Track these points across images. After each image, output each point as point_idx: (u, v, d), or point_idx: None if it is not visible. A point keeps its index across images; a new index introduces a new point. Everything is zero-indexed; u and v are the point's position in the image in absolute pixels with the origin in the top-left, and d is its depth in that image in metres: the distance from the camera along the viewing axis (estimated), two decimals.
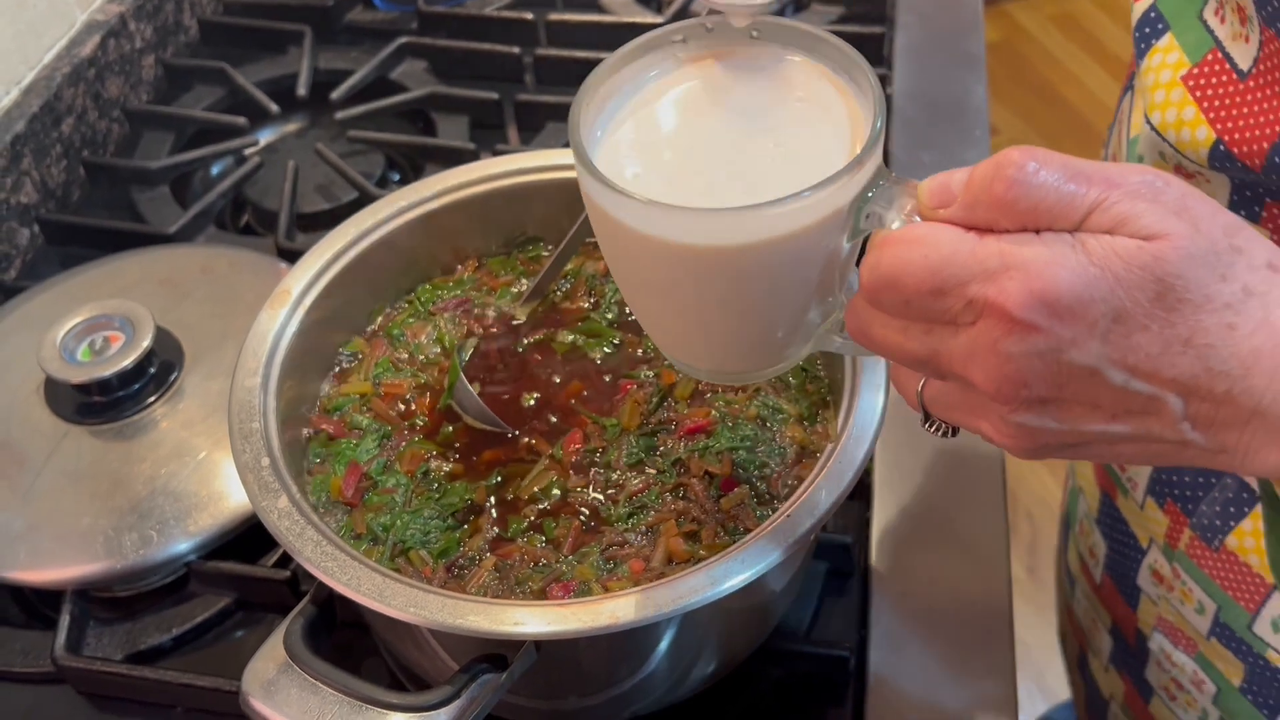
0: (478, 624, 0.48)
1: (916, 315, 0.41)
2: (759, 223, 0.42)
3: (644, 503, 0.59)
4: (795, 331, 0.49)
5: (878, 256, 0.41)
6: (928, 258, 0.39)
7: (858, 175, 0.42)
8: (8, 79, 0.92)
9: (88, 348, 0.72)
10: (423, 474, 0.61)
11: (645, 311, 0.52)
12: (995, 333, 0.39)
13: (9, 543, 0.67)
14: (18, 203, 0.91)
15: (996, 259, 0.38)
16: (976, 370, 0.40)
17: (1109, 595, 0.79)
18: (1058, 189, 0.38)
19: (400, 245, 0.68)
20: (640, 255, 0.46)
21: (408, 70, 1.07)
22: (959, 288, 0.39)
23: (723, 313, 0.47)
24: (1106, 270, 0.38)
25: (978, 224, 0.40)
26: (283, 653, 0.49)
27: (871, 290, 0.42)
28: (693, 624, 0.57)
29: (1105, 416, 0.40)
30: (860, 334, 0.44)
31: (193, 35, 1.12)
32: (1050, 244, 0.38)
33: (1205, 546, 0.65)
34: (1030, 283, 0.38)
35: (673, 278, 0.46)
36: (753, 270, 0.44)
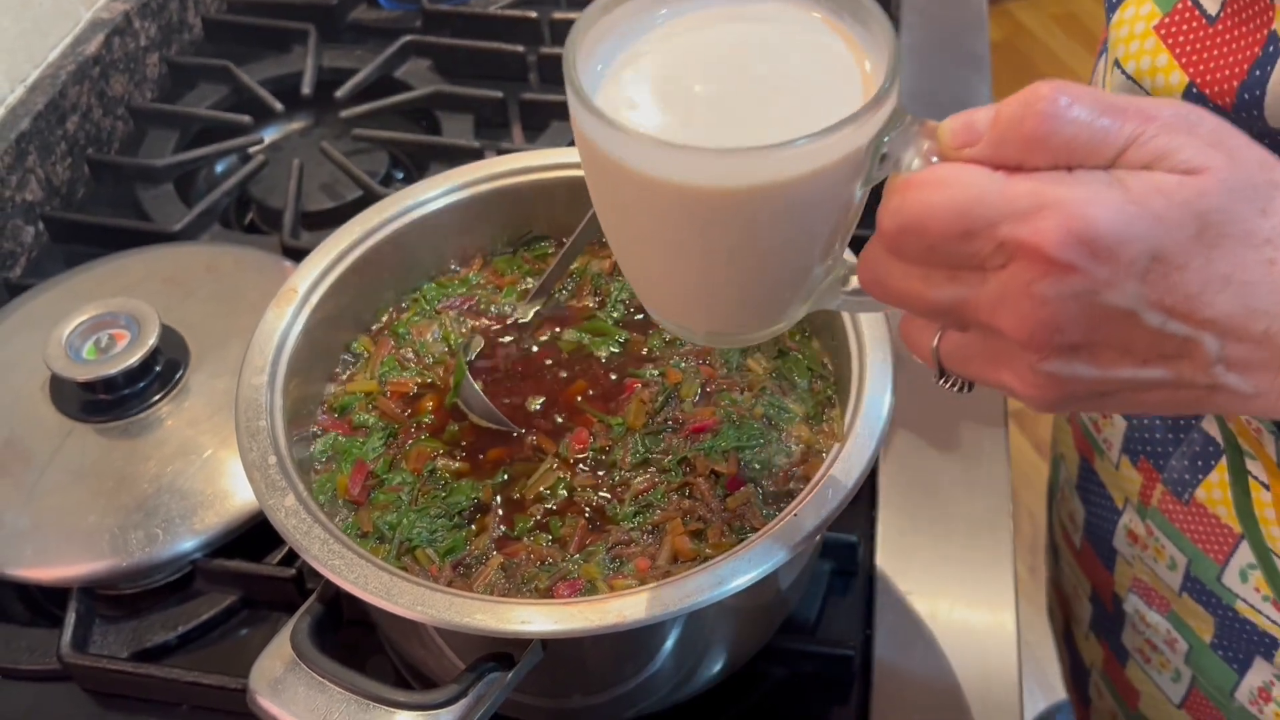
0: (485, 622, 0.48)
1: (940, 261, 0.39)
2: (773, 163, 0.40)
3: (650, 502, 0.59)
4: (799, 288, 0.47)
5: (900, 200, 0.39)
6: (955, 199, 0.37)
7: (876, 114, 0.40)
8: (13, 76, 0.92)
9: (93, 346, 0.72)
10: (429, 472, 0.61)
11: (640, 266, 0.49)
12: (1029, 275, 0.37)
13: (15, 541, 0.67)
14: (23, 200, 0.91)
15: (1029, 198, 0.37)
16: (1007, 316, 0.38)
17: (1088, 561, 0.80)
18: (1091, 124, 0.37)
19: (406, 244, 0.68)
20: (641, 200, 0.43)
21: (412, 69, 1.07)
22: (989, 229, 0.37)
23: (727, 265, 0.44)
24: (1146, 207, 0.36)
25: (1006, 163, 0.38)
26: (290, 651, 0.50)
27: (892, 236, 0.39)
28: (698, 623, 0.57)
29: (1137, 361, 0.39)
30: (875, 284, 0.42)
31: (197, 33, 1.12)
32: (1086, 182, 0.36)
33: (1176, 500, 0.66)
34: (1068, 222, 0.36)
35: (675, 225, 0.43)
36: (762, 216, 0.42)
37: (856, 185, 0.42)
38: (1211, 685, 0.69)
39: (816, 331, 0.66)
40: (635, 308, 0.68)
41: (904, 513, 0.71)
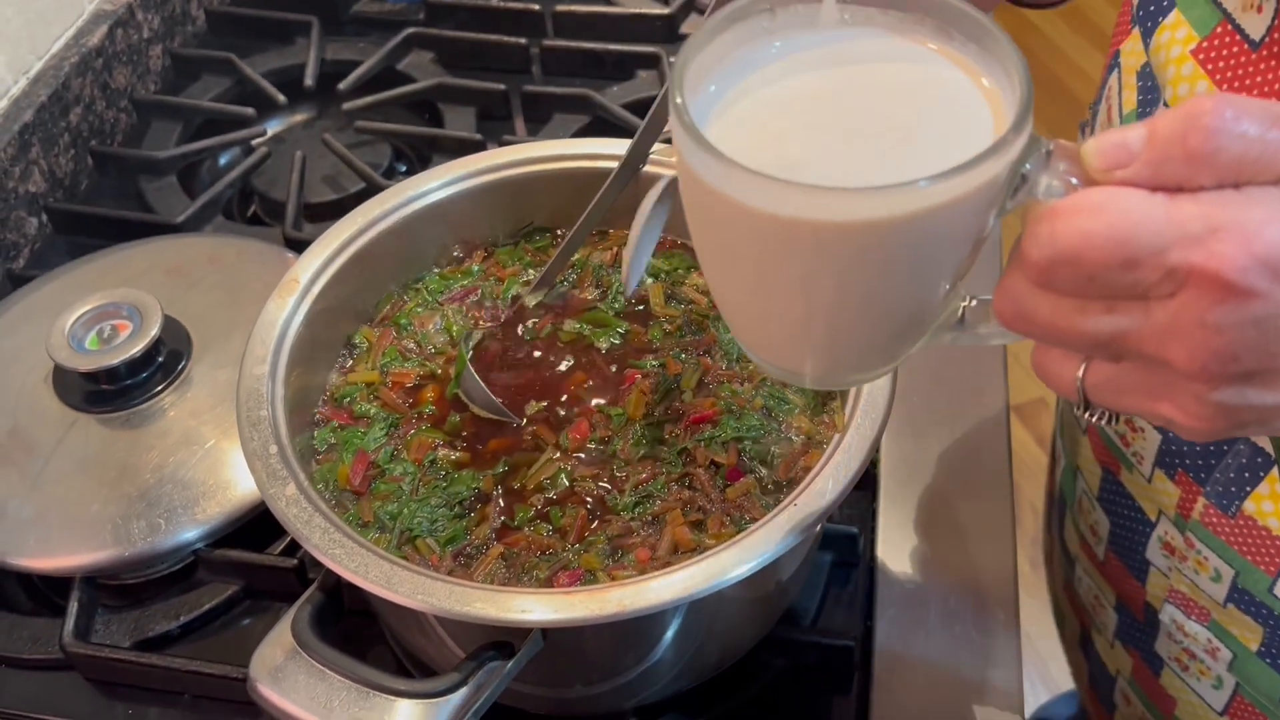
0: (485, 611, 0.48)
1: (1099, 292, 0.37)
2: (913, 199, 0.38)
3: (650, 492, 0.59)
4: (921, 325, 0.45)
5: (1050, 229, 0.36)
6: (1114, 226, 0.35)
7: (1019, 137, 0.38)
8: (16, 68, 0.93)
9: (96, 336, 0.72)
10: (430, 462, 0.61)
11: (750, 312, 0.46)
12: (1204, 303, 0.34)
13: (18, 530, 0.67)
14: (26, 192, 0.91)
15: (1200, 221, 0.34)
16: (1177, 348, 0.36)
17: (1114, 571, 0.78)
18: (1262, 137, 0.34)
19: (408, 235, 0.68)
20: (765, 242, 0.40)
21: (415, 61, 1.07)
22: (1155, 256, 0.35)
23: (856, 306, 0.42)
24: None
25: (1165, 184, 0.35)
26: (290, 639, 0.50)
27: (1044, 268, 0.37)
28: (699, 613, 0.57)
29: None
30: (1020, 319, 0.39)
31: (200, 25, 1.12)
32: (1261, 200, 0.34)
33: (1221, 514, 0.64)
34: (1249, 243, 0.34)
35: (804, 267, 0.41)
36: (897, 250, 0.40)
37: (991, 215, 0.40)
38: (1259, 692, 0.68)
39: None
40: (636, 299, 0.68)
41: (905, 504, 0.71)
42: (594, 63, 1.04)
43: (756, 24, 0.44)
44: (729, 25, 0.44)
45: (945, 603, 0.66)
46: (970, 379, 0.77)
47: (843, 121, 0.42)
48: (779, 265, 0.41)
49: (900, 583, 0.67)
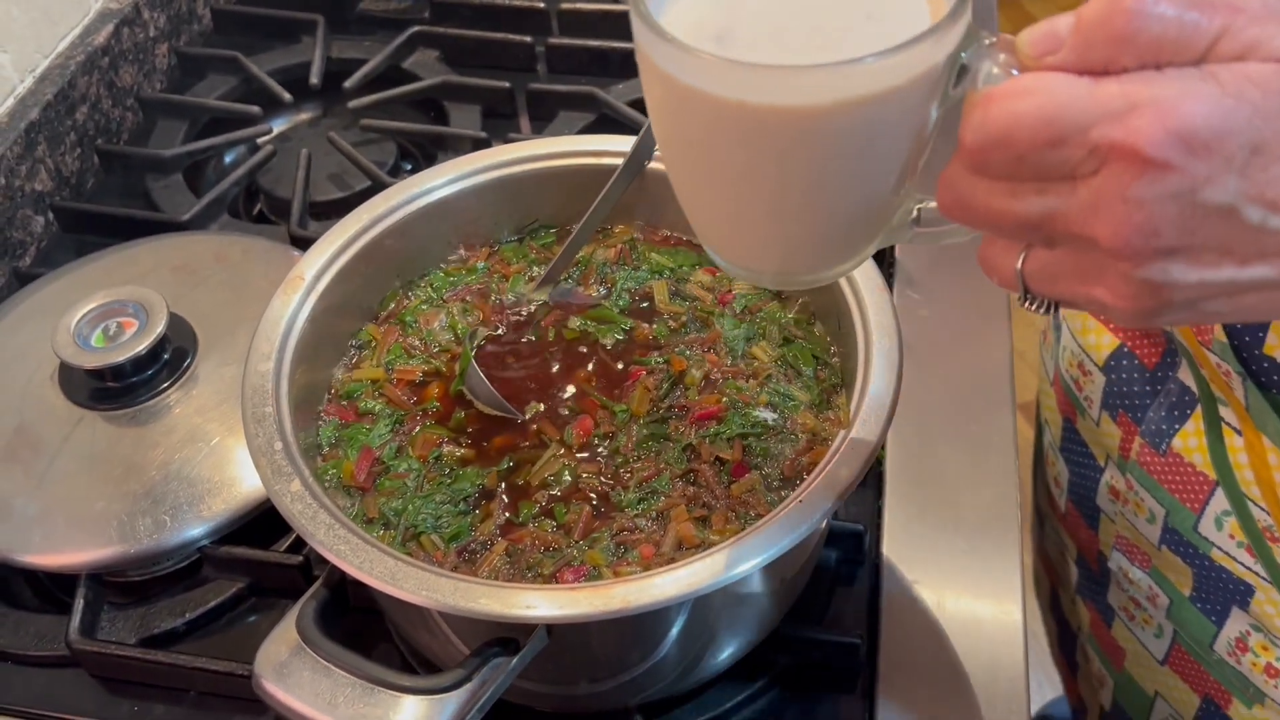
0: (489, 607, 0.48)
1: (1029, 174, 0.38)
2: (851, 79, 0.38)
3: (654, 488, 0.59)
4: (872, 220, 0.45)
5: (984, 113, 0.38)
6: (1043, 106, 0.36)
7: (953, 29, 0.39)
8: (23, 67, 0.93)
9: (102, 333, 0.73)
10: (434, 459, 0.61)
11: (707, 204, 0.47)
12: (1125, 178, 0.36)
13: (24, 527, 0.67)
14: (32, 190, 0.91)
15: (1121, 99, 0.36)
16: (1101, 224, 0.37)
17: (1073, 522, 0.80)
18: (1179, 19, 0.35)
19: (412, 232, 0.68)
20: (712, 127, 0.41)
21: (420, 59, 1.07)
22: (1080, 134, 0.36)
23: (800, 194, 0.43)
24: (1243, 99, 0.35)
25: (1092, 67, 0.37)
26: (295, 635, 0.50)
27: (977, 151, 0.38)
28: (704, 610, 0.57)
29: (1237, 261, 0.37)
30: (958, 206, 0.41)
31: (206, 24, 1.12)
32: (1178, 78, 0.35)
33: (1154, 452, 0.66)
34: (1164, 119, 0.35)
35: (749, 151, 0.41)
36: (838, 137, 0.40)
37: (933, 105, 0.41)
38: (1191, 639, 0.70)
39: (822, 317, 0.66)
40: (640, 296, 0.68)
41: (911, 502, 0.71)
42: (599, 60, 1.04)
43: None
44: None
45: (951, 600, 0.66)
46: (976, 376, 0.77)
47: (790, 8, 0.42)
48: (726, 150, 0.42)
49: (906, 580, 0.67)
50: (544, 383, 0.64)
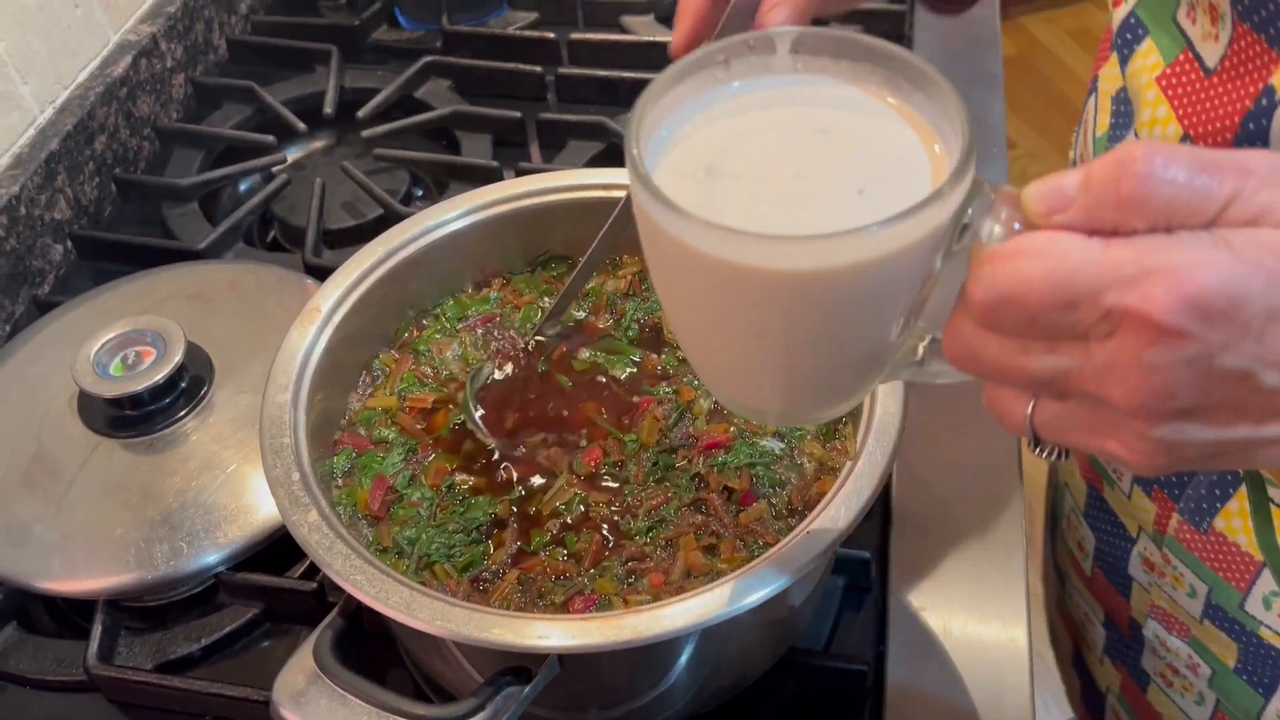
0: (502, 637, 0.49)
1: (1041, 333, 0.38)
2: (856, 247, 0.38)
3: (663, 517, 0.60)
4: (876, 364, 0.45)
5: (992, 272, 0.37)
6: (1054, 269, 0.36)
7: (958, 189, 0.39)
8: (43, 98, 0.94)
9: (120, 362, 0.74)
10: (447, 488, 0.62)
11: (710, 354, 0.47)
12: (1139, 343, 0.35)
13: (43, 553, 0.68)
14: (51, 219, 0.93)
15: (1133, 264, 0.35)
16: (1115, 386, 0.37)
17: (1100, 587, 0.79)
18: (1190, 183, 0.35)
19: (427, 263, 0.69)
20: (719, 287, 0.41)
21: (432, 89, 1.08)
22: (1093, 299, 0.36)
23: (806, 348, 0.43)
24: (1258, 266, 0.35)
25: (1101, 228, 0.36)
26: (312, 664, 0.51)
27: (987, 309, 0.38)
28: (713, 638, 0.57)
29: (1253, 421, 0.38)
30: (968, 360, 0.41)
31: (222, 54, 1.14)
32: (1191, 243, 0.35)
33: (1194, 530, 0.65)
34: (1179, 287, 0.35)
35: (755, 311, 0.42)
36: (844, 298, 0.40)
37: (936, 259, 0.41)
38: (1237, 709, 0.69)
39: None
40: (649, 326, 0.69)
41: (917, 529, 0.71)
42: (608, 90, 1.06)
43: (711, 74, 0.45)
44: (685, 76, 0.45)
45: (957, 627, 0.67)
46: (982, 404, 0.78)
47: (790, 167, 0.43)
48: (729, 309, 0.42)
49: (913, 607, 0.68)
50: (554, 412, 0.65)
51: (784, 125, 0.45)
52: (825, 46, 0.45)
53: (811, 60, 0.45)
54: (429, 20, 1.15)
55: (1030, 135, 2.66)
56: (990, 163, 0.96)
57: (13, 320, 0.89)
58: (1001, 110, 1.02)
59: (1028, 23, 3.00)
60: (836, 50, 0.45)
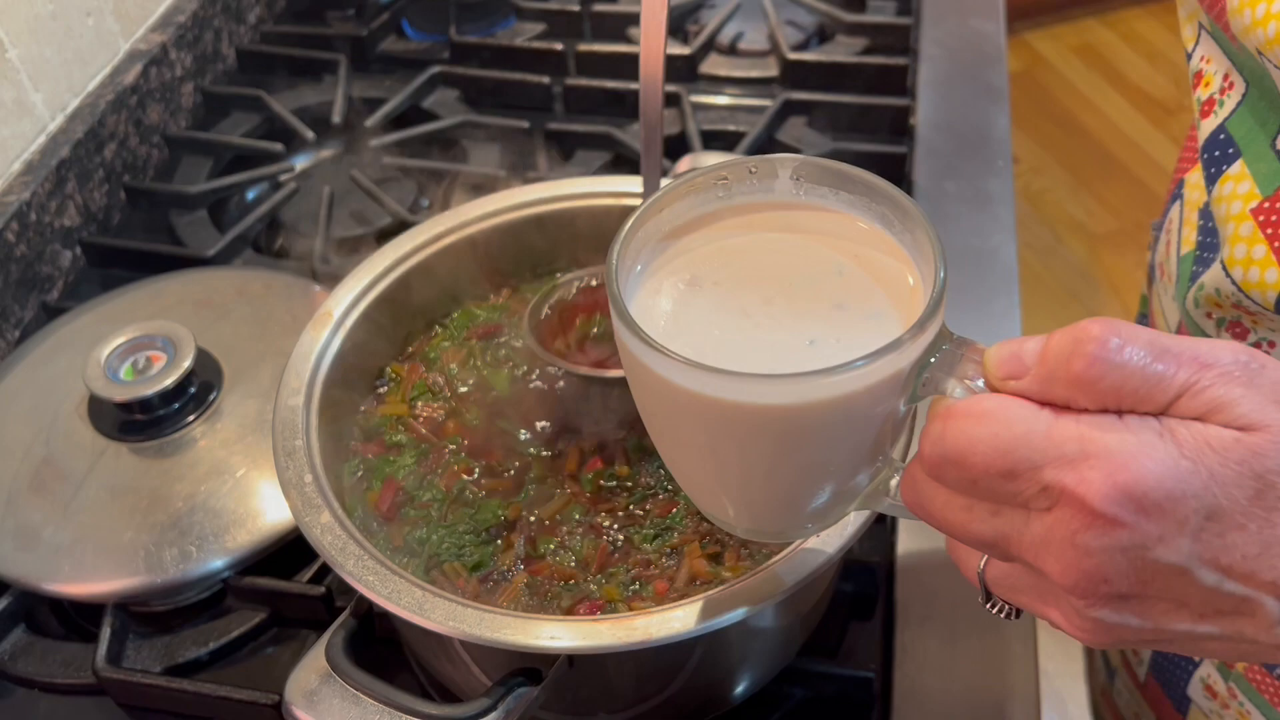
0: (514, 638, 0.49)
1: (983, 495, 0.38)
2: (811, 388, 0.39)
3: (669, 524, 0.60)
4: (841, 496, 0.46)
5: (941, 429, 0.38)
6: (998, 436, 0.36)
7: (920, 339, 0.39)
8: (54, 106, 0.95)
9: (130, 367, 0.74)
10: (458, 490, 0.62)
11: (681, 467, 0.48)
12: (1073, 524, 0.35)
13: (52, 556, 0.68)
14: (61, 225, 0.93)
15: (1075, 444, 0.35)
16: (1050, 560, 0.36)
17: (1155, 697, 0.76)
18: (1143, 369, 0.35)
19: (436, 271, 0.70)
20: (681, 411, 0.42)
21: (440, 99, 1.09)
22: (1032, 471, 0.36)
23: (766, 476, 0.44)
24: (1199, 464, 0.34)
25: (1053, 400, 0.36)
26: (324, 663, 0.51)
27: (934, 465, 0.38)
28: (721, 643, 0.58)
29: (1192, 616, 0.37)
30: (917, 507, 0.41)
31: (231, 64, 1.15)
32: (1136, 431, 0.35)
33: (1267, 672, 0.63)
34: (1115, 474, 0.34)
35: (715, 437, 0.43)
36: (799, 434, 0.41)
37: (899, 403, 0.41)
38: None
39: None
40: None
41: (924, 537, 0.71)
42: (615, 101, 1.06)
43: (711, 194, 0.47)
44: (685, 195, 0.46)
45: (964, 636, 0.67)
46: None
47: (761, 296, 0.44)
48: (685, 427, 0.43)
49: (919, 614, 0.68)
50: (562, 417, 0.65)
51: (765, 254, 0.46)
52: (824, 178, 0.46)
53: (813, 189, 0.47)
54: (436, 31, 1.16)
55: (1034, 151, 2.67)
56: (994, 175, 0.97)
57: (22, 326, 0.89)
58: (1006, 124, 1.02)
59: (1031, 39, 3.01)
60: (835, 181, 0.46)
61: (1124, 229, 2.49)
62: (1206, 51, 0.58)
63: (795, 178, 0.46)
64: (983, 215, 0.93)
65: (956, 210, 0.94)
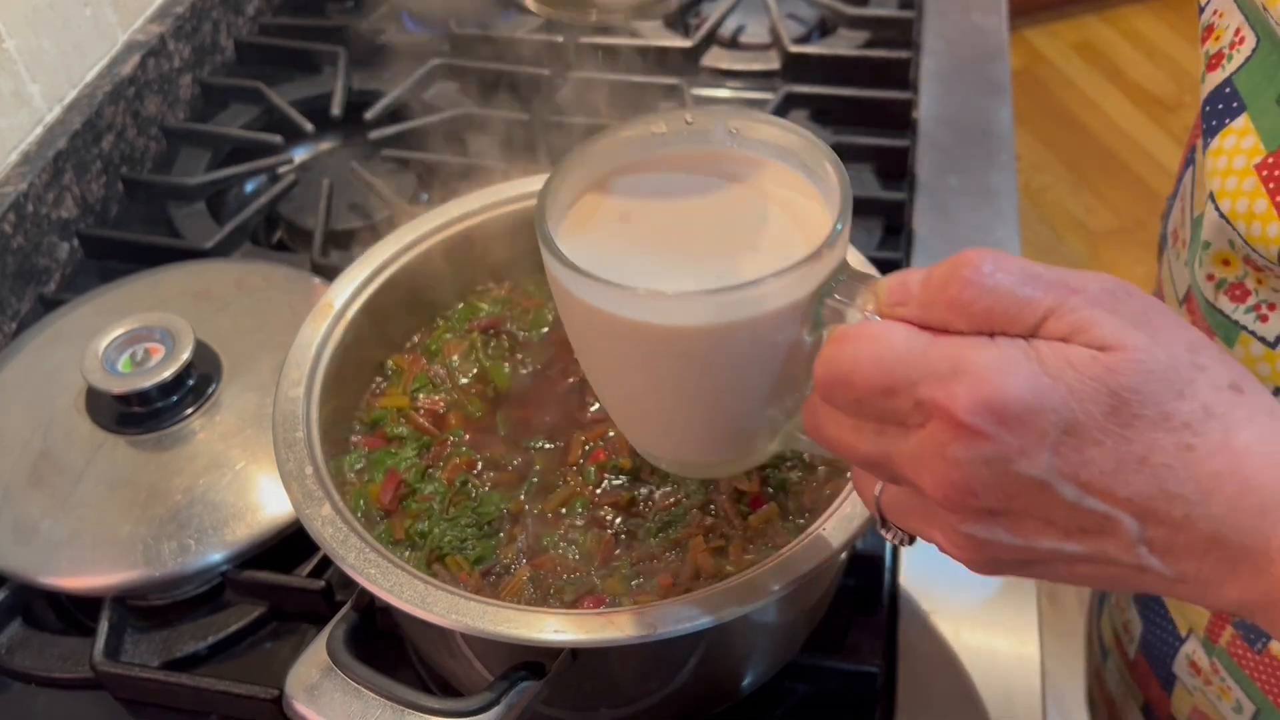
0: (517, 631, 0.49)
1: (868, 414, 0.40)
2: (714, 308, 0.42)
3: (673, 518, 0.60)
4: (757, 426, 0.48)
5: (831, 353, 0.40)
6: (880, 356, 0.39)
7: (815, 268, 0.42)
8: (52, 97, 0.94)
9: (129, 359, 0.74)
10: (461, 483, 0.62)
11: (604, 394, 0.51)
12: (943, 437, 0.37)
13: (50, 549, 0.68)
14: (58, 217, 0.92)
15: (947, 362, 0.37)
16: (925, 475, 0.39)
17: (1143, 675, 0.77)
18: (1012, 292, 0.37)
19: (436, 263, 0.69)
20: (600, 334, 0.45)
21: (440, 91, 1.08)
22: (909, 388, 0.38)
23: (676, 400, 0.46)
24: (1059, 379, 0.36)
25: (933, 324, 0.39)
26: (325, 657, 0.50)
27: (824, 387, 0.41)
28: (726, 637, 0.57)
29: (1059, 534, 0.39)
30: (815, 431, 0.43)
31: (229, 55, 1.14)
32: (1003, 349, 0.37)
33: (1248, 647, 0.63)
34: (979, 388, 0.36)
35: (628, 357, 0.45)
36: (706, 355, 0.43)
37: (802, 333, 0.44)
38: None
39: None
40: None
41: None
42: (616, 93, 1.06)
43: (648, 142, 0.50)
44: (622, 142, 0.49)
45: (967, 632, 0.67)
46: None
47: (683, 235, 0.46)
48: (608, 355, 0.46)
49: (923, 610, 0.68)
50: (565, 412, 0.65)
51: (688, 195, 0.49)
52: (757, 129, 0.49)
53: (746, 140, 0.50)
54: (437, 24, 1.15)
55: (1034, 147, 2.67)
56: (998, 170, 0.96)
57: (19, 318, 0.89)
58: (1009, 119, 1.02)
59: (1031, 35, 3.01)
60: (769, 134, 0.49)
61: (1124, 226, 2.48)
62: (1219, 5, 0.58)
63: (731, 130, 0.49)
64: (986, 210, 0.93)
65: (959, 204, 0.93)
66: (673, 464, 0.53)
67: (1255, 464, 0.36)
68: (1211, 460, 0.36)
